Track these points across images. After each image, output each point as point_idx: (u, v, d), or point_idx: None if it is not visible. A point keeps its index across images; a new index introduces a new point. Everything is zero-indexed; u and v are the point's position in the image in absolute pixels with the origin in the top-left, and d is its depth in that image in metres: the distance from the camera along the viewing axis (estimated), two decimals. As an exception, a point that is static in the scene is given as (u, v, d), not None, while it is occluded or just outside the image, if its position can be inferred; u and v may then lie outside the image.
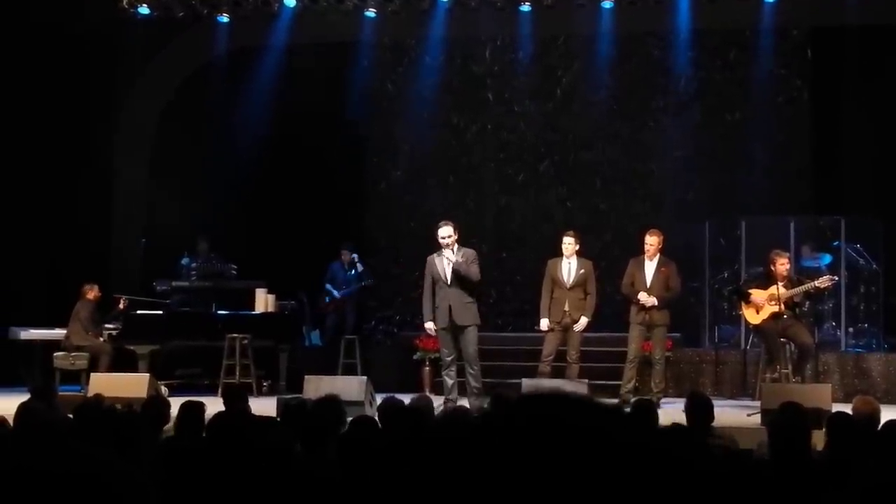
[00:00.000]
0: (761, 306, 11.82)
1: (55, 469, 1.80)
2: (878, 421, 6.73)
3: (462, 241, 11.82)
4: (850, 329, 14.47)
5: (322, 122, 16.26)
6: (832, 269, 13.77)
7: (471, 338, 11.68)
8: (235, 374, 13.50)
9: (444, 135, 17.14)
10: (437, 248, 11.85)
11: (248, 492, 5.22)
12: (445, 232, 11.67)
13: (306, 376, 11.55)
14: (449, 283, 11.68)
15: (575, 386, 11.17)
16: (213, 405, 7.75)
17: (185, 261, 15.12)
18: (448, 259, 11.61)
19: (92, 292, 13.96)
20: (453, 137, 17.14)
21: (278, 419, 7.98)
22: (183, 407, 7.24)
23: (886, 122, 15.05)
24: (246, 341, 13.79)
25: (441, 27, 16.52)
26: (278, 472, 5.31)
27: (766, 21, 15.80)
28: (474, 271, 11.68)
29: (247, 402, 8.14)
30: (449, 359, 11.81)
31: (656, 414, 7.14)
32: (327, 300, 15.85)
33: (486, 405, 10.09)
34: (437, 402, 8.94)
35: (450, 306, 11.65)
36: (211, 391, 12.50)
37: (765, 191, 15.82)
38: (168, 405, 7.53)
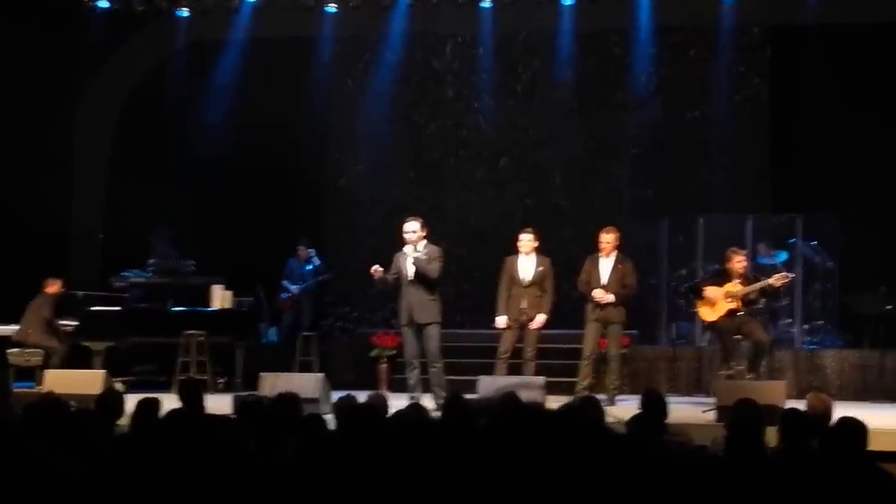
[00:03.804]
0: (717, 303, 11.89)
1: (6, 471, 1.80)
2: (831, 417, 6.79)
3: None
4: (805, 326, 14.58)
5: (282, 116, 16.19)
6: (788, 266, 13.85)
7: (432, 335, 11.72)
8: (191, 370, 13.45)
9: (403, 130, 17.13)
10: (400, 243, 11.88)
11: (203, 490, 5.20)
12: (411, 227, 11.71)
13: (262, 373, 11.54)
14: (410, 279, 11.71)
15: (531, 383, 11.19)
16: (169, 402, 7.75)
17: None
18: (410, 255, 11.65)
19: (54, 287, 13.87)
20: (413, 133, 17.14)
21: (234, 416, 7.97)
22: (139, 404, 7.23)
23: (843, 121, 15.14)
24: (202, 338, 13.77)
25: (402, 23, 16.51)
26: (233, 470, 5.30)
27: (725, 19, 15.89)
28: (433, 269, 11.71)
29: (202, 399, 8.10)
30: (411, 356, 11.84)
31: (602, 410, 7.16)
32: (284, 297, 15.81)
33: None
34: (394, 400, 8.93)
35: (410, 304, 11.68)
36: (166, 388, 12.44)
37: (723, 188, 15.89)
38: (122, 402, 7.49)
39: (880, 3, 15.05)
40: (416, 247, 11.70)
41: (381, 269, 11.71)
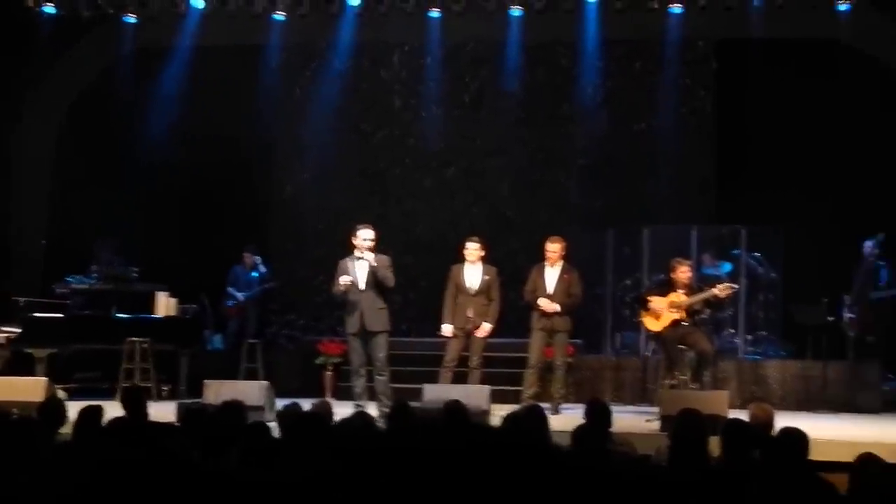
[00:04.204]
0: (662, 314, 11.95)
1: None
2: (774, 427, 6.82)
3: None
4: (749, 336, 14.68)
5: (229, 124, 16.10)
6: (732, 277, 13.94)
7: (381, 343, 11.70)
8: (135, 378, 13.35)
9: (351, 139, 17.10)
10: (347, 251, 11.85)
11: (147, 498, 5.16)
12: (369, 234, 11.70)
13: (207, 381, 11.49)
14: (363, 287, 11.67)
15: (476, 391, 11.19)
16: (112, 409, 7.68)
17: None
18: (368, 262, 11.61)
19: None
20: (360, 142, 17.11)
21: (178, 424, 7.92)
22: (81, 411, 7.16)
23: (788, 134, 15.28)
24: (146, 345, 13.67)
25: (350, 31, 16.44)
26: (177, 478, 5.26)
27: (671, 32, 15.93)
28: (390, 277, 11.73)
29: (146, 406, 8.04)
30: (358, 364, 11.80)
31: (546, 419, 7.17)
32: (230, 304, 15.72)
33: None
34: (339, 408, 8.91)
35: (362, 312, 11.65)
36: (110, 395, 12.35)
37: (668, 200, 15.97)
38: (65, 409, 7.42)
39: (822, 18, 15.19)
40: (364, 255, 11.67)
41: (349, 280, 11.67)
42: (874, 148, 15.09)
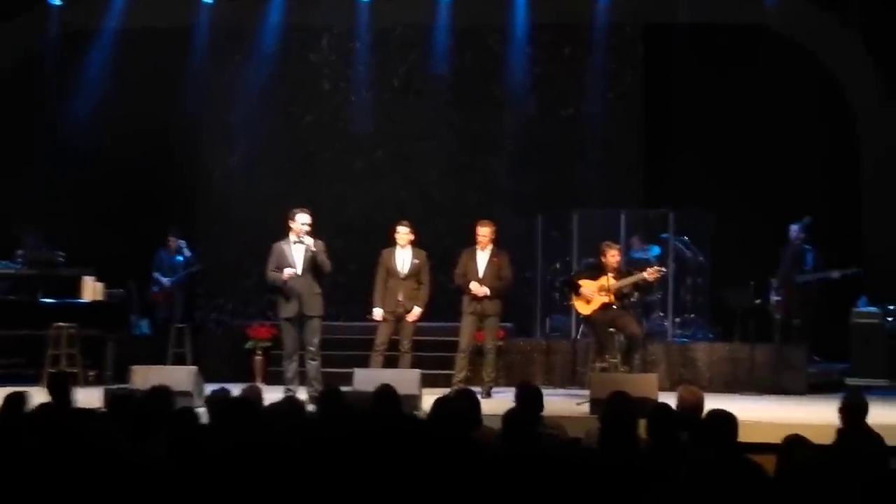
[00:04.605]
0: (591, 297, 11.99)
1: None
2: (702, 409, 6.86)
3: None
4: (677, 319, 14.77)
5: (156, 107, 15.92)
6: (661, 260, 14.02)
7: (316, 328, 11.72)
8: (61, 363, 13.19)
9: (280, 123, 16.96)
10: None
11: (73, 485, 5.10)
12: (306, 219, 11.69)
13: (134, 366, 11.37)
14: (300, 272, 11.62)
15: (407, 375, 11.17)
16: (38, 395, 7.59)
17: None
18: (307, 247, 11.55)
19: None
20: (289, 125, 16.98)
21: (104, 410, 7.83)
22: (6, 398, 7.07)
23: (716, 118, 15.37)
24: (72, 330, 13.50)
25: (278, 14, 16.39)
26: (104, 465, 5.20)
27: (599, 17, 16.04)
28: (328, 261, 11.72)
29: (72, 392, 7.94)
30: (292, 350, 11.74)
31: (477, 402, 7.18)
32: (155, 289, 15.51)
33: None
34: (270, 393, 8.85)
35: (300, 296, 11.58)
36: (35, 381, 12.21)
37: (597, 184, 16.02)
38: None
39: (750, 4, 15.33)
40: (304, 239, 11.62)
41: (293, 272, 11.60)
42: (800, 133, 15.25)
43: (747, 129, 15.28)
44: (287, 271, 11.57)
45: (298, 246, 11.67)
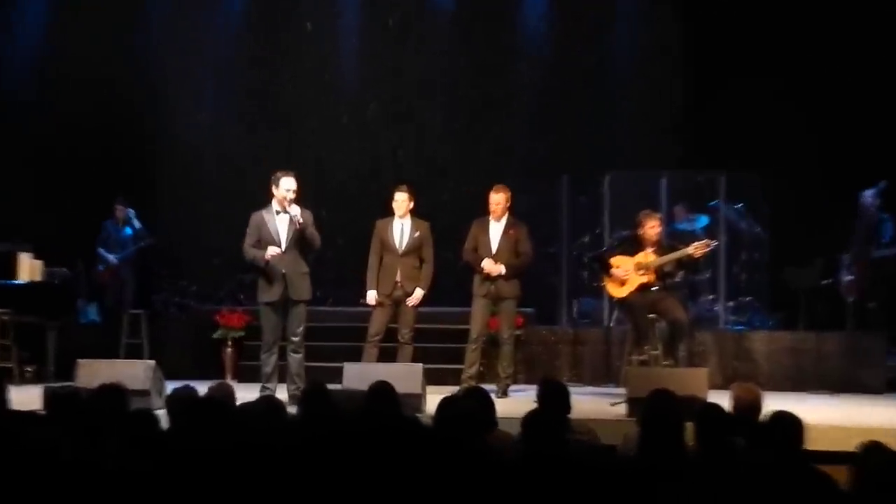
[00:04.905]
0: (627, 277, 11.95)
1: None
2: (760, 410, 6.83)
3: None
4: (731, 303, 14.77)
5: (109, 60, 15.96)
6: (709, 233, 14.00)
7: (301, 315, 11.59)
8: (-7, 357, 13.25)
9: (253, 73, 17.00)
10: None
11: (7, 497, 5.10)
12: (292, 184, 11.40)
13: (80, 360, 11.35)
14: (285, 247, 11.44)
15: (407, 370, 11.13)
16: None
17: None
18: (294, 217, 11.34)
19: None
20: (265, 76, 16.96)
21: (44, 412, 7.82)
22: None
23: (771, 63, 15.33)
24: (6, 317, 13.52)
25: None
26: (42, 476, 5.20)
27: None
28: (317, 235, 11.54)
29: (6, 391, 7.92)
30: (273, 340, 11.62)
31: (491, 403, 7.15)
32: (101, 268, 15.49)
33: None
34: (242, 391, 8.82)
35: (284, 275, 11.42)
36: (-38, 378, 12.23)
37: (630, 143, 16.00)
38: None
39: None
40: (290, 209, 11.43)
41: (277, 251, 11.45)
42: (873, 83, 15.15)
43: (809, 77, 15.23)
44: (271, 250, 11.37)
45: (283, 217, 11.51)
